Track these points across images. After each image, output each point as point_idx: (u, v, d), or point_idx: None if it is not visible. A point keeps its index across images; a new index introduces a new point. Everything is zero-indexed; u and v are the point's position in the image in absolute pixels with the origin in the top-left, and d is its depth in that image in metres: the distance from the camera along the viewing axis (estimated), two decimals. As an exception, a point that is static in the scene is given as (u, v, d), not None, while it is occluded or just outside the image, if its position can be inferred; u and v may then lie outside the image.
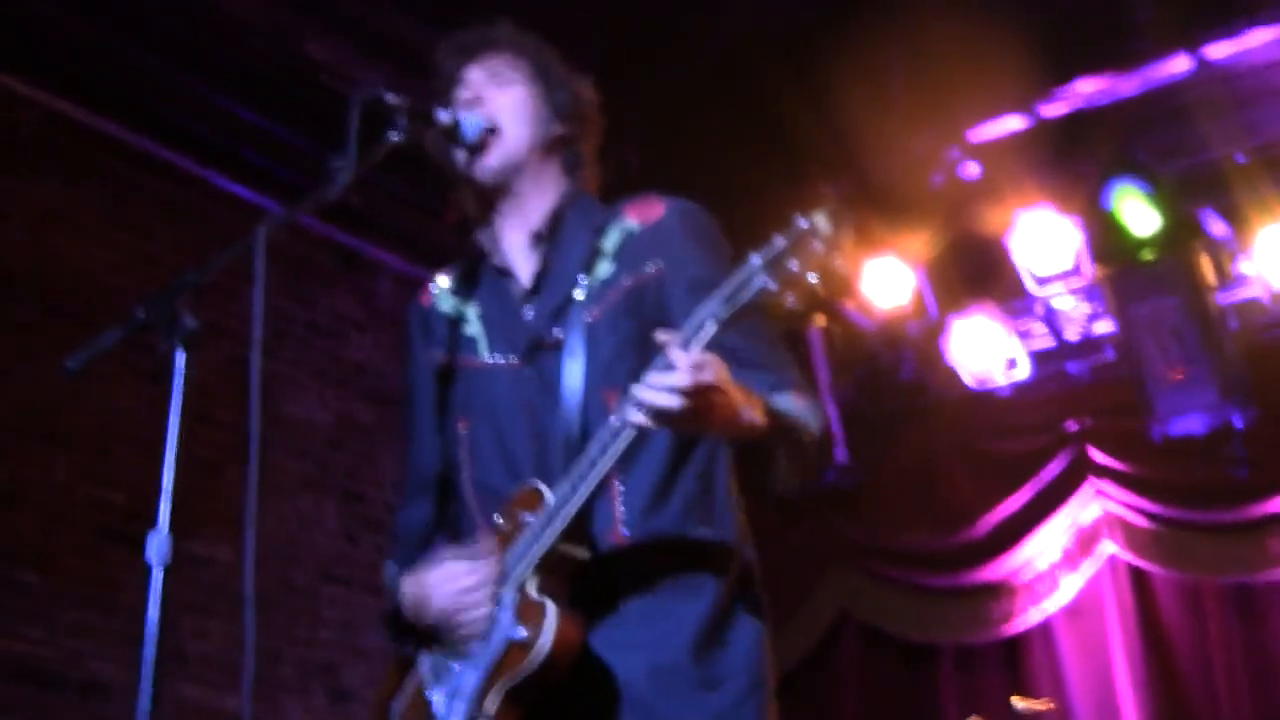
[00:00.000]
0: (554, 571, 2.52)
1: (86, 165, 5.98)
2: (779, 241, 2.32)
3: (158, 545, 2.31)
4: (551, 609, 2.46)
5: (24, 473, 5.50)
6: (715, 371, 2.33)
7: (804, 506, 7.43)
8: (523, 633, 2.47)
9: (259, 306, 2.44)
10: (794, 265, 2.30)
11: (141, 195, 6.15)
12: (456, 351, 2.84)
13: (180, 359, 2.38)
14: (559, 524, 2.48)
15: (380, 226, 6.91)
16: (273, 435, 6.14)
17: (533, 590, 2.50)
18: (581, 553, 2.54)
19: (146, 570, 2.31)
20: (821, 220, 2.32)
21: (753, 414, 2.47)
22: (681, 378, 2.29)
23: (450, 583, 2.59)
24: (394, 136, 2.69)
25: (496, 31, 2.94)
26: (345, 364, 6.83)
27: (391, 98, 2.70)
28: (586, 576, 2.55)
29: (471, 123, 2.80)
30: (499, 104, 2.84)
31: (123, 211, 6.07)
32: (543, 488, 2.54)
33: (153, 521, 2.32)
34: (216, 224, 6.24)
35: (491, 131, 2.81)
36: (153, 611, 2.29)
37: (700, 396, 2.32)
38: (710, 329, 2.34)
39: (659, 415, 2.33)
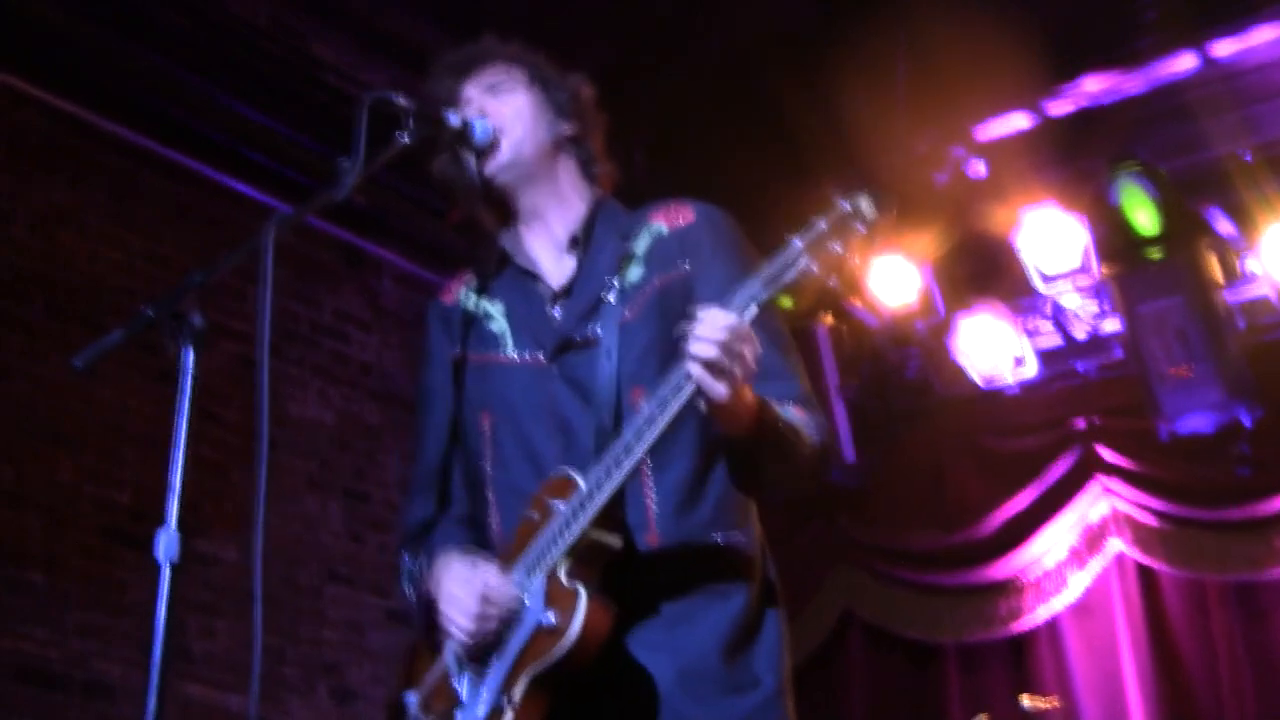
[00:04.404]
0: (585, 558, 2.51)
1: (92, 165, 5.99)
2: (820, 224, 2.35)
3: (166, 543, 2.31)
4: (583, 595, 2.45)
5: (29, 472, 5.50)
6: (752, 346, 2.35)
7: (810, 505, 7.42)
8: (552, 619, 2.46)
9: (266, 307, 2.44)
10: (837, 247, 2.33)
11: (147, 195, 6.16)
12: (480, 348, 2.85)
13: (189, 358, 2.39)
14: (592, 509, 2.48)
15: (385, 226, 6.91)
16: (278, 435, 6.14)
17: (563, 576, 2.50)
18: (614, 541, 2.54)
19: (152, 570, 2.31)
20: (865, 203, 2.35)
21: (754, 411, 2.47)
22: (719, 331, 2.30)
23: (468, 596, 2.57)
24: (403, 139, 2.70)
25: (484, 45, 2.96)
26: (350, 363, 6.83)
27: (400, 100, 2.70)
28: (618, 575, 2.54)
29: (481, 125, 2.81)
30: (502, 114, 2.85)
31: (128, 211, 6.07)
32: (574, 474, 2.55)
33: (158, 521, 2.32)
34: (222, 224, 6.25)
35: (501, 133, 2.82)
36: (161, 610, 2.30)
37: (734, 356, 2.32)
38: (752, 311, 2.36)
39: (700, 365, 2.33)
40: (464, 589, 2.57)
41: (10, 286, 5.62)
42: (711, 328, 2.32)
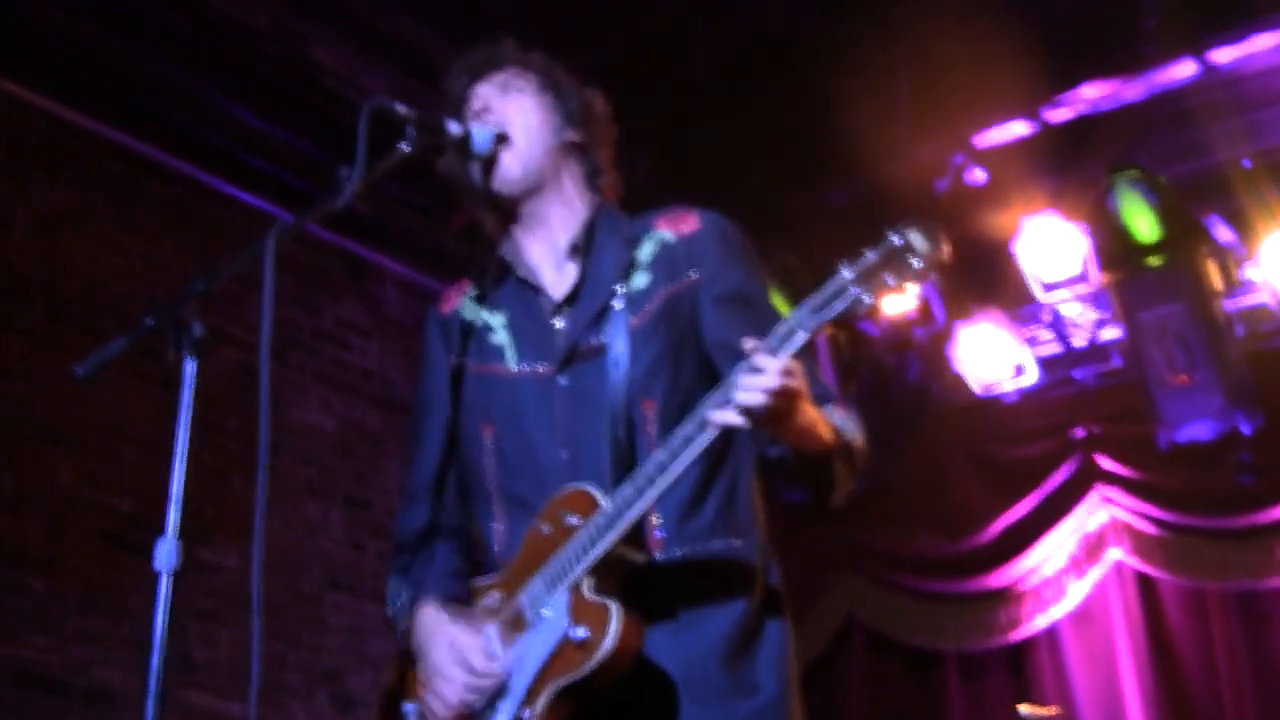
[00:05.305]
0: (609, 574, 2.52)
1: (92, 169, 5.99)
2: (869, 255, 2.36)
3: (166, 552, 2.31)
4: (616, 610, 2.46)
5: (30, 477, 5.50)
6: (801, 380, 2.39)
7: (811, 512, 7.42)
8: (583, 633, 2.46)
9: (268, 314, 2.44)
10: (889, 279, 2.35)
11: (148, 200, 6.16)
12: (481, 359, 2.85)
13: (190, 366, 2.39)
14: (623, 525, 2.48)
15: (386, 234, 6.91)
16: (279, 442, 6.13)
17: (588, 591, 2.50)
18: (639, 556, 2.55)
19: (153, 576, 2.31)
20: (917, 237, 2.35)
21: (822, 428, 2.52)
22: (772, 379, 2.34)
23: (459, 664, 2.60)
24: (404, 148, 2.70)
25: (500, 48, 2.97)
26: (352, 371, 6.83)
27: (401, 108, 2.70)
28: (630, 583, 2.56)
29: (482, 134, 2.81)
30: (508, 112, 2.86)
31: (128, 216, 6.07)
32: (594, 490, 2.55)
33: (159, 527, 2.33)
34: (222, 229, 6.25)
35: (502, 139, 2.82)
36: (160, 618, 2.30)
37: (789, 400, 2.37)
38: (800, 338, 2.38)
39: (748, 414, 2.36)
40: (448, 666, 2.60)
41: (10, 290, 5.62)
42: (767, 376, 2.34)
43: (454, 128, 2.78)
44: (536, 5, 5.73)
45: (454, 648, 2.62)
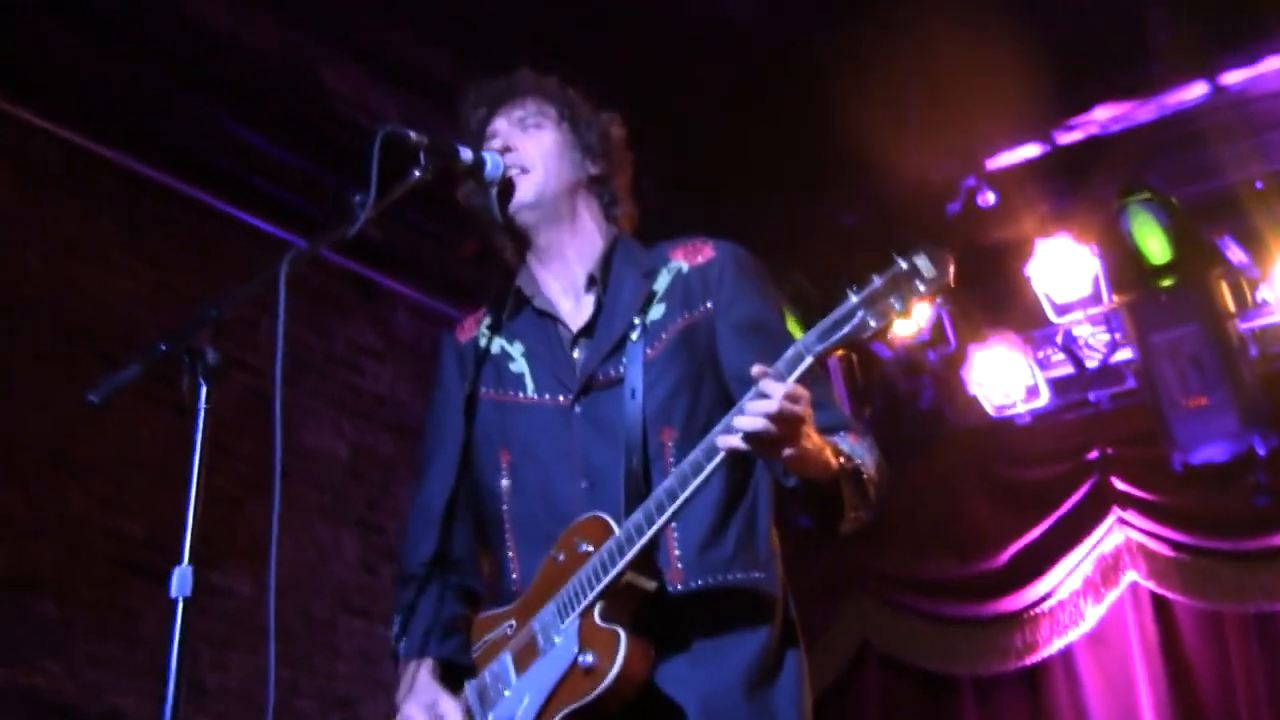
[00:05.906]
0: (620, 601, 2.53)
1: (103, 195, 6.01)
2: (876, 281, 2.38)
3: (180, 578, 2.31)
4: (623, 637, 2.47)
5: (42, 502, 5.50)
6: (806, 406, 2.39)
7: (821, 538, 7.38)
8: (590, 659, 2.48)
9: (280, 340, 2.44)
10: (895, 304, 2.36)
11: (159, 225, 6.17)
12: (499, 387, 2.86)
13: (204, 393, 2.39)
14: (632, 552, 2.49)
15: (398, 258, 6.92)
16: (291, 466, 6.13)
17: (598, 617, 2.52)
18: (650, 584, 2.56)
19: (165, 602, 2.30)
20: (923, 262, 2.37)
21: (828, 454, 2.52)
22: (774, 405, 2.34)
23: None
24: (416, 174, 2.71)
25: (519, 79, 2.98)
26: (364, 395, 6.83)
27: (413, 135, 2.71)
28: (643, 613, 2.56)
29: (492, 160, 2.82)
30: (529, 151, 2.87)
31: (140, 241, 6.09)
32: (607, 518, 2.56)
33: (171, 552, 2.32)
34: (233, 254, 6.26)
35: (524, 171, 2.83)
36: (174, 645, 2.29)
37: (792, 425, 2.37)
38: (807, 362, 2.40)
39: (752, 439, 2.37)
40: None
41: (23, 315, 5.63)
42: (771, 402, 2.35)
43: (466, 154, 2.80)
44: (541, 26, 5.74)
45: (437, 710, 2.65)
